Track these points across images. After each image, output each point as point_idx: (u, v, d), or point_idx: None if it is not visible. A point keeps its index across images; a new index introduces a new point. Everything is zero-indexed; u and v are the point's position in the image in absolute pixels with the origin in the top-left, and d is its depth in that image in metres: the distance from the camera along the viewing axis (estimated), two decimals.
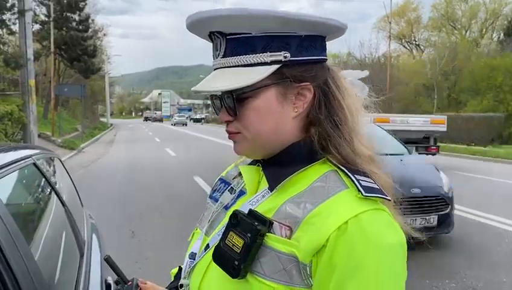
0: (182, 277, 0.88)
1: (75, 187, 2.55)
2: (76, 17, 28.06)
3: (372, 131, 0.88)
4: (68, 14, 27.22)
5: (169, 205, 7.38)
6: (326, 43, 0.82)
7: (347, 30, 0.81)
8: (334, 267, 0.67)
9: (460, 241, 5.51)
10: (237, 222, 0.74)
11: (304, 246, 0.69)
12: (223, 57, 0.77)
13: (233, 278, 0.72)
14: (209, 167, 11.71)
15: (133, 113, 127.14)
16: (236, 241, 0.72)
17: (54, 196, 1.77)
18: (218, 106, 0.81)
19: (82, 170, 11.93)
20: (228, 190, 0.89)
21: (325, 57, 0.81)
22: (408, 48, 48.70)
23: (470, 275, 4.35)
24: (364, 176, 0.75)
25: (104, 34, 42.43)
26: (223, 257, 0.74)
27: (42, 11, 25.99)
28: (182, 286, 0.88)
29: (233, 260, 0.72)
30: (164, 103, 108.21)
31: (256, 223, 0.72)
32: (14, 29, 12.09)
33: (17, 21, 11.81)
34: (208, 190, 6.22)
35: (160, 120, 74.49)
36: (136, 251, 4.91)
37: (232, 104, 0.77)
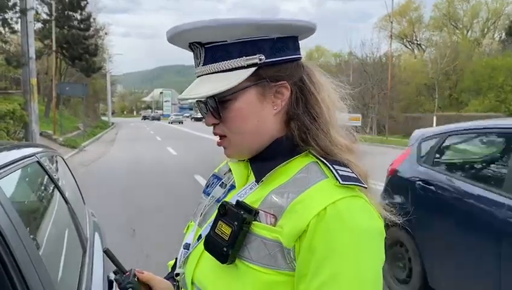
0: (178, 266, 0.94)
1: (77, 185, 2.58)
2: (78, 15, 28.15)
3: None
4: (70, 12, 27.31)
5: (170, 203, 7.41)
6: (301, 42, 0.88)
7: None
8: (313, 250, 0.72)
9: None
10: (225, 211, 0.80)
11: (287, 231, 0.74)
12: (203, 64, 0.83)
13: (222, 263, 0.77)
14: (209, 166, 11.62)
15: (135, 112, 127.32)
16: (225, 230, 0.78)
17: (57, 194, 1.80)
18: (204, 111, 0.87)
19: (83, 169, 11.97)
20: (219, 185, 0.95)
21: (298, 56, 0.87)
22: (409, 47, 48.72)
23: None
24: (342, 166, 0.80)
25: (106, 33, 42.52)
26: (213, 244, 0.80)
27: (44, 10, 26.10)
28: (178, 274, 0.93)
29: (222, 247, 0.77)
30: (165, 101, 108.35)
31: (242, 212, 0.77)
32: (16, 28, 12.13)
33: (19, 20, 11.85)
34: None
35: (158, 119, 78.18)
36: (137, 248, 4.94)
37: (215, 107, 0.83)
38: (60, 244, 1.60)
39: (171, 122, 59.34)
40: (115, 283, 1.82)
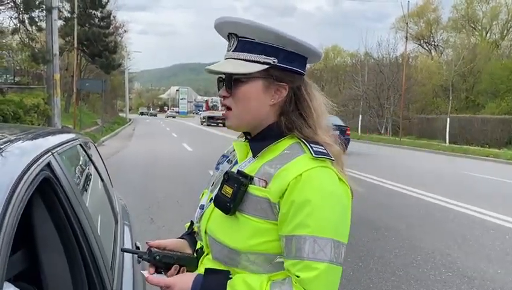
0: (195, 222, 1.25)
1: (106, 169, 2.92)
2: (98, 13, 28.72)
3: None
4: (91, 10, 27.89)
5: (185, 195, 7.75)
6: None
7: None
8: (291, 203, 0.99)
9: (462, 236, 5.76)
10: (228, 177, 1.08)
11: (273, 191, 1.02)
12: (233, 51, 1.10)
13: (226, 214, 1.06)
14: None
15: (151, 109, 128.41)
16: (228, 190, 1.06)
17: (95, 173, 2.14)
18: (221, 86, 1.15)
19: None
20: (227, 161, 1.25)
21: (302, 72, 1.13)
22: (427, 48, 48.31)
23: (467, 266, 4.62)
24: (318, 145, 1.07)
25: (125, 31, 43.30)
26: (220, 201, 1.08)
27: (66, 8, 26.71)
28: (193, 230, 1.28)
29: (226, 202, 1.05)
30: (181, 99, 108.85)
31: (240, 178, 1.05)
32: (41, 26, 12.61)
33: (44, 18, 12.33)
34: None
35: (155, 115, 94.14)
36: (155, 235, 5.28)
37: (230, 84, 1.09)
38: (99, 214, 1.94)
39: (167, 117, 77.89)
40: (141, 248, 2.15)
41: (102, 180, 2.20)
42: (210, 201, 1.17)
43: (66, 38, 26.04)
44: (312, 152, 1.04)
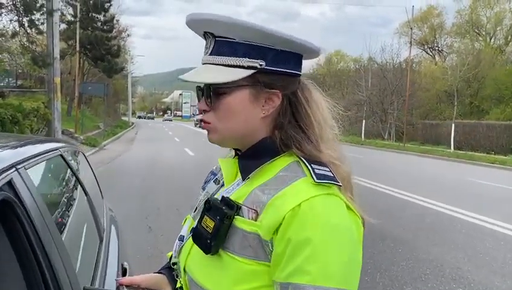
0: (173, 256, 1.04)
1: (96, 179, 2.72)
2: (101, 17, 28.70)
3: None
4: (94, 14, 27.87)
5: (186, 202, 7.53)
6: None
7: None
8: (287, 241, 0.78)
9: (472, 248, 5.54)
10: (209, 207, 0.88)
11: (265, 225, 0.81)
12: (210, 54, 0.90)
13: (206, 254, 0.86)
14: None
15: (154, 113, 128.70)
16: (209, 223, 0.86)
17: (78, 186, 1.94)
18: (200, 96, 0.95)
19: (103, 167, 12.22)
20: (213, 181, 1.05)
21: (298, 72, 0.93)
22: (430, 53, 48.15)
23: (478, 281, 4.40)
24: (321, 166, 0.86)
25: (128, 35, 43.24)
26: (199, 236, 0.88)
27: (69, 12, 26.69)
28: (174, 264, 1.04)
29: (206, 239, 0.86)
30: (184, 103, 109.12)
31: (224, 208, 0.85)
32: (42, 29, 12.49)
33: (45, 21, 12.21)
34: None
35: (152, 118, 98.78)
36: (152, 245, 5.09)
37: (209, 96, 0.90)
38: (79, 233, 1.74)
39: (164, 120, 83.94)
40: (128, 271, 1.95)
41: (86, 194, 2.00)
42: (191, 232, 0.96)
43: (69, 42, 26.00)
44: (314, 176, 0.83)
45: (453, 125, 25.25)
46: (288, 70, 0.91)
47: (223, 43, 0.88)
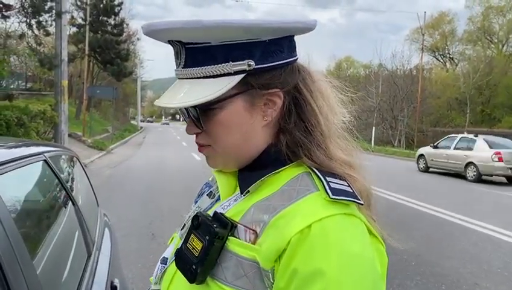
0: (154, 282, 0.85)
1: (91, 187, 2.55)
2: (111, 21, 28.82)
3: None
4: (104, 18, 27.98)
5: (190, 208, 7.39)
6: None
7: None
8: (293, 273, 0.61)
9: (488, 262, 5.28)
10: (198, 224, 0.71)
11: (264, 250, 0.64)
12: (184, 67, 0.73)
13: (190, 282, 0.69)
14: None
15: (163, 117, 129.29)
16: (196, 244, 0.70)
17: (64, 195, 1.76)
18: (186, 116, 0.78)
19: (109, 171, 12.14)
20: (207, 194, 0.86)
21: (294, 58, 0.76)
22: (441, 60, 47.77)
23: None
24: (337, 179, 0.70)
25: (138, 39, 43.37)
26: (183, 260, 0.71)
27: (80, 15, 26.83)
28: None
29: (191, 264, 0.69)
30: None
31: (214, 226, 0.68)
32: (50, 31, 12.46)
33: (53, 23, 12.17)
34: None
35: (152, 121, 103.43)
36: (155, 253, 4.92)
37: (197, 117, 0.74)
38: (62, 248, 1.55)
39: (162, 124, 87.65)
40: (119, 287, 1.76)
41: (74, 204, 1.81)
42: (175, 254, 0.78)
43: (79, 45, 26.12)
44: (329, 190, 0.66)
45: (465, 133, 24.89)
46: (283, 61, 0.73)
47: (196, 50, 0.71)
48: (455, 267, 5.00)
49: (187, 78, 0.73)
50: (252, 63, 0.70)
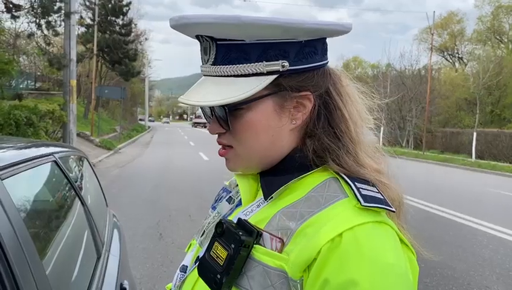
0: (173, 289, 0.82)
1: (100, 187, 2.54)
2: (119, 21, 28.94)
3: None
4: (112, 18, 28.10)
5: (198, 208, 7.37)
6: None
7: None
8: (324, 283, 0.59)
9: (499, 265, 5.21)
10: (222, 231, 0.68)
11: (293, 259, 0.62)
12: (214, 64, 0.70)
13: None
14: None
15: (171, 117, 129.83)
16: (221, 253, 0.67)
17: (74, 196, 1.75)
18: (208, 114, 0.75)
19: (117, 170, 12.18)
20: (226, 199, 0.84)
21: (326, 61, 0.74)
22: (450, 60, 47.42)
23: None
24: (368, 185, 0.68)
25: (146, 39, 43.55)
26: (206, 269, 0.68)
27: (88, 15, 26.97)
28: None
29: (216, 273, 0.66)
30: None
31: (240, 233, 0.66)
32: (59, 31, 12.53)
33: (62, 23, 12.25)
34: None
35: (153, 120, 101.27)
36: (162, 253, 4.92)
37: (224, 117, 0.71)
38: (71, 250, 1.54)
39: (163, 122, 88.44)
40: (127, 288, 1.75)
41: (83, 204, 1.80)
42: (196, 262, 0.76)
43: (87, 45, 26.25)
44: (360, 197, 0.63)
45: (474, 133, 24.67)
46: (317, 64, 0.71)
47: (228, 47, 0.68)
48: (466, 270, 4.94)
49: (215, 76, 0.71)
50: (286, 63, 0.68)
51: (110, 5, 27.04)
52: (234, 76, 0.69)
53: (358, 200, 0.64)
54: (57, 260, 1.30)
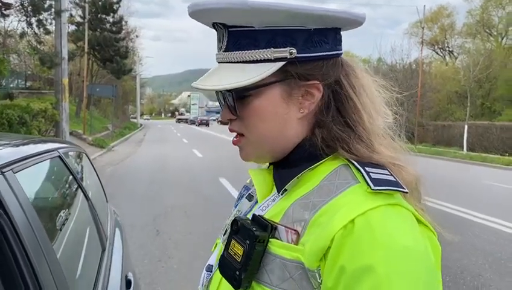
0: (200, 288, 0.84)
1: (100, 183, 2.57)
2: (110, 18, 28.71)
3: None
4: (102, 15, 27.89)
5: (194, 205, 7.41)
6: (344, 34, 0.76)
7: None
8: (340, 271, 0.59)
9: (492, 254, 5.32)
10: (237, 228, 0.70)
11: (308, 250, 0.62)
12: (225, 50, 0.72)
13: (235, 289, 0.68)
14: (234, 169, 11.74)
15: (163, 114, 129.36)
16: (237, 250, 0.69)
17: (78, 190, 1.78)
18: (221, 100, 0.77)
19: (111, 168, 12.15)
20: (246, 197, 0.84)
21: (338, 52, 0.74)
22: (441, 54, 47.67)
23: (500, 289, 4.19)
24: (378, 168, 0.68)
25: (137, 36, 43.28)
26: (226, 266, 0.70)
27: (78, 13, 26.74)
28: None
29: (234, 270, 0.68)
30: (193, 104, 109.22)
31: (254, 229, 0.67)
32: (50, 29, 12.45)
33: (53, 21, 12.16)
34: (233, 191, 6.23)
35: (149, 119, 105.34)
36: (160, 249, 4.94)
37: (232, 102, 0.72)
38: (78, 243, 1.58)
39: (144, 119, 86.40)
40: (132, 283, 1.79)
41: (87, 199, 1.83)
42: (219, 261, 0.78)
43: (78, 43, 26.05)
44: (370, 181, 0.64)
45: (465, 126, 24.88)
46: (326, 53, 0.71)
47: (239, 33, 0.70)
48: (459, 259, 5.03)
49: (227, 62, 0.72)
50: (294, 51, 0.69)
51: (100, 3, 26.81)
52: (244, 62, 0.70)
53: (368, 184, 0.64)
54: (66, 250, 1.34)
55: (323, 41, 0.71)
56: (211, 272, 0.82)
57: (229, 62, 0.72)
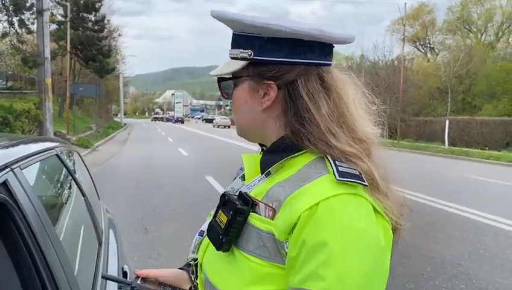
0: (191, 251, 1.01)
1: (92, 180, 2.63)
2: (92, 17, 28.43)
3: None
4: (84, 14, 27.60)
5: (181, 202, 7.47)
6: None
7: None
8: (302, 244, 0.72)
9: (472, 245, 5.51)
10: (225, 201, 0.85)
11: (279, 224, 0.75)
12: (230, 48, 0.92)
13: (217, 250, 0.82)
14: (220, 167, 11.83)
15: (146, 113, 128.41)
16: (222, 218, 0.82)
17: (75, 187, 1.85)
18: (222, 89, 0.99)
19: (96, 168, 12.09)
20: (240, 177, 0.98)
21: (295, 60, 0.84)
22: (422, 50, 48.31)
23: (480, 277, 4.36)
24: (347, 163, 0.79)
25: (119, 35, 42.93)
26: (212, 231, 0.85)
27: (59, 12, 26.40)
28: (194, 259, 1.01)
29: (218, 235, 0.82)
30: (177, 103, 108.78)
31: (237, 203, 0.81)
32: (32, 29, 12.32)
33: (35, 21, 12.04)
34: (220, 189, 6.32)
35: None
36: (149, 247, 5.01)
37: (221, 88, 0.96)
38: (78, 236, 1.65)
39: (152, 120, 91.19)
40: (128, 274, 1.87)
41: (83, 195, 1.91)
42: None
43: (60, 42, 25.73)
44: (336, 173, 0.75)
45: (447, 121, 25.33)
46: (278, 59, 0.84)
47: (233, 36, 0.90)
48: (440, 250, 5.21)
49: (230, 58, 0.92)
50: (251, 53, 0.85)
51: (82, 1, 26.55)
52: (232, 58, 0.89)
53: (335, 175, 0.75)
54: (68, 247, 1.42)
55: (276, 49, 0.84)
56: (202, 236, 0.98)
57: (230, 57, 0.91)
